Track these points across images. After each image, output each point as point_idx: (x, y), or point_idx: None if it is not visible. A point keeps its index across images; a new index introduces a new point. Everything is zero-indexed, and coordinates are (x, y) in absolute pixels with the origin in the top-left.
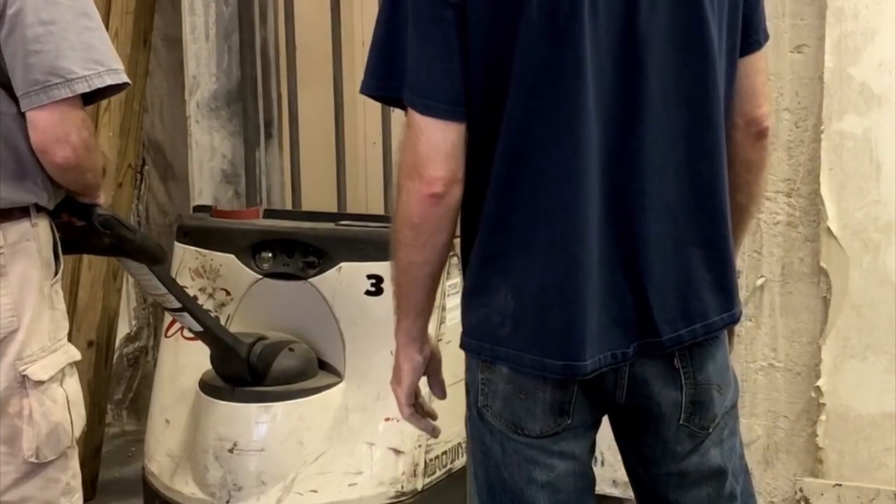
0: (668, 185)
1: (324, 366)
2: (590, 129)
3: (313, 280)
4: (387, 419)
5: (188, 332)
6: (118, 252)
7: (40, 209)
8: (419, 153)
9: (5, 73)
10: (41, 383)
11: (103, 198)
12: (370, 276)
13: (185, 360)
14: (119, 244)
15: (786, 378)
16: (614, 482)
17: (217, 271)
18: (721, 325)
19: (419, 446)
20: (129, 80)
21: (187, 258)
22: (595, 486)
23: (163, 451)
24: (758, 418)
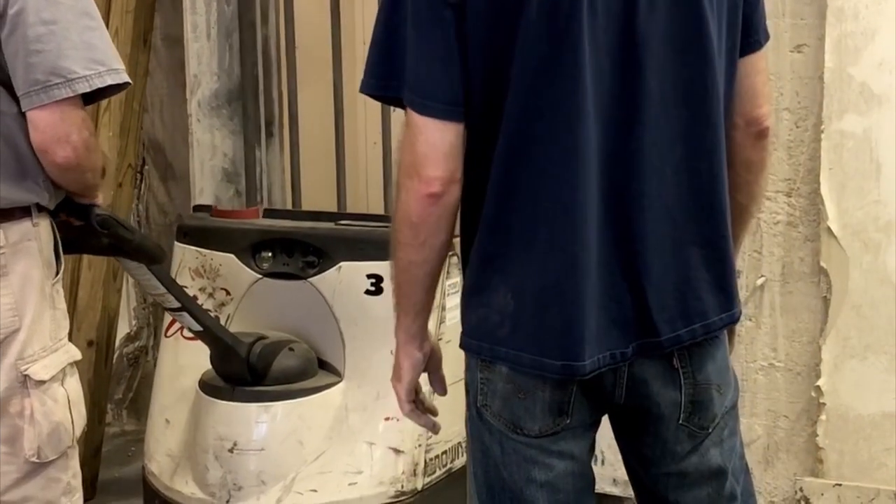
0: (668, 185)
1: (324, 365)
2: (589, 130)
3: (313, 280)
4: (387, 418)
5: (188, 332)
6: (117, 252)
7: (41, 209)
8: (417, 153)
9: (6, 72)
10: (42, 383)
11: (101, 198)
12: (370, 276)
13: (185, 359)
14: (117, 244)
15: (786, 378)
16: (614, 481)
17: (217, 271)
18: (720, 325)
19: (419, 446)
20: (129, 79)
21: (187, 258)
22: (595, 485)
23: (163, 450)
24: (758, 418)
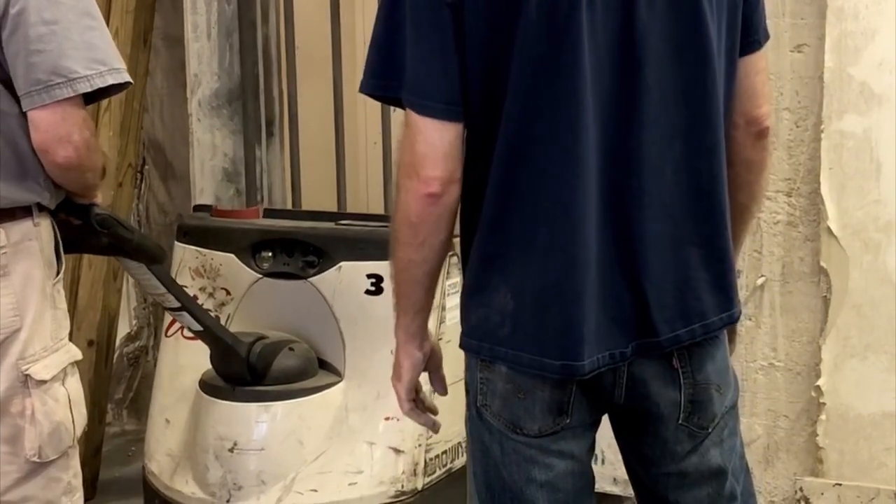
0: (667, 184)
1: (324, 365)
2: (588, 129)
3: (313, 279)
4: (387, 418)
5: (188, 332)
6: (116, 251)
7: (42, 209)
8: (416, 153)
9: (7, 72)
10: (43, 382)
11: (101, 197)
12: (370, 276)
13: (185, 359)
14: (117, 243)
15: (786, 377)
16: (615, 480)
17: (217, 271)
18: (720, 325)
19: (419, 445)
20: (131, 79)
21: (187, 258)
22: (594, 485)
23: (163, 450)
24: (758, 418)
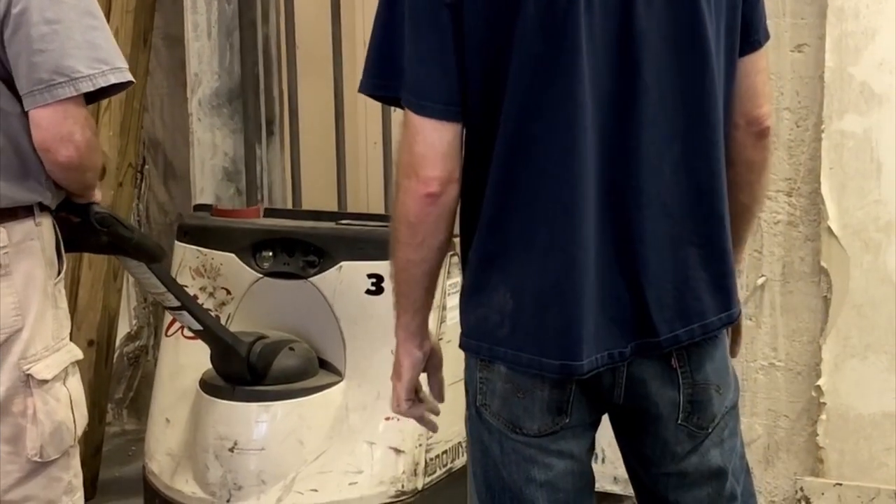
0: (666, 183)
1: (324, 365)
2: (587, 129)
3: (314, 279)
4: (387, 418)
5: (188, 332)
6: (116, 250)
7: (44, 208)
8: (415, 153)
9: (8, 71)
10: (45, 382)
11: (100, 195)
12: (370, 276)
13: (185, 359)
14: (117, 242)
15: (786, 377)
16: (615, 479)
17: (217, 270)
18: (719, 325)
19: (419, 445)
20: (133, 78)
21: (188, 257)
22: (594, 484)
23: (163, 450)
24: (758, 417)
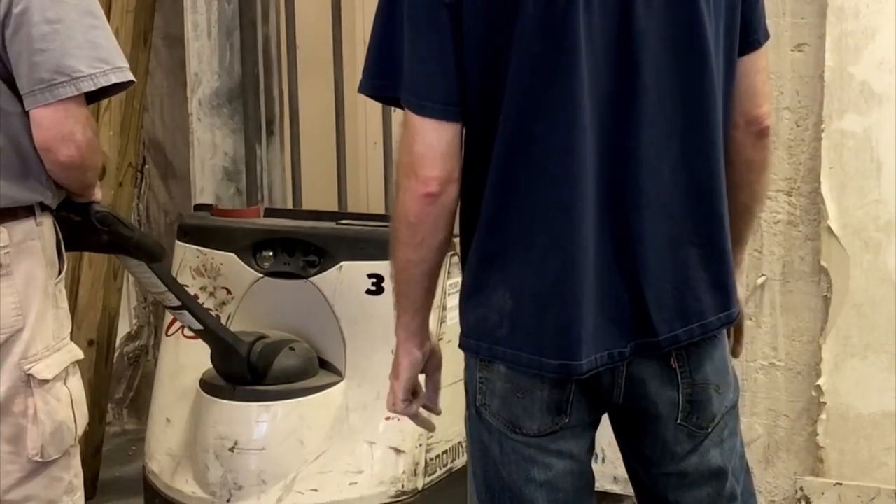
0: (665, 183)
1: (324, 365)
2: (586, 129)
3: (314, 279)
4: (387, 418)
5: (189, 331)
6: (117, 249)
7: (44, 208)
8: (415, 153)
9: (9, 71)
10: (46, 382)
11: (100, 194)
12: (371, 275)
13: (185, 358)
14: (117, 241)
15: (786, 377)
16: (615, 479)
17: (218, 270)
18: (718, 325)
19: (420, 445)
20: (134, 77)
21: (188, 257)
22: (594, 484)
23: (163, 449)
24: (758, 417)
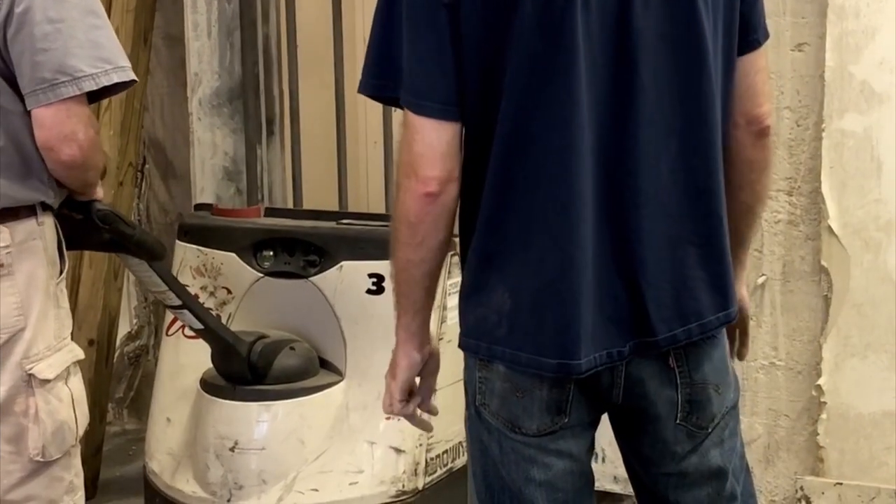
0: (664, 182)
1: (325, 364)
2: (584, 128)
3: (314, 279)
4: (387, 418)
5: (189, 331)
6: (118, 248)
7: (46, 207)
8: (414, 153)
9: (11, 70)
10: (47, 382)
11: (101, 192)
12: (371, 275)
13: (186, 358)
14: (118, 239)
15: (787, 376)
16: (615, 479)
17: (218, 270)
18: (717, 325)
19: (420, 445)
20: (136, 77)
21: (188, 257)
22: (594, 484)
23: (164, 449)
24: (758, 417)
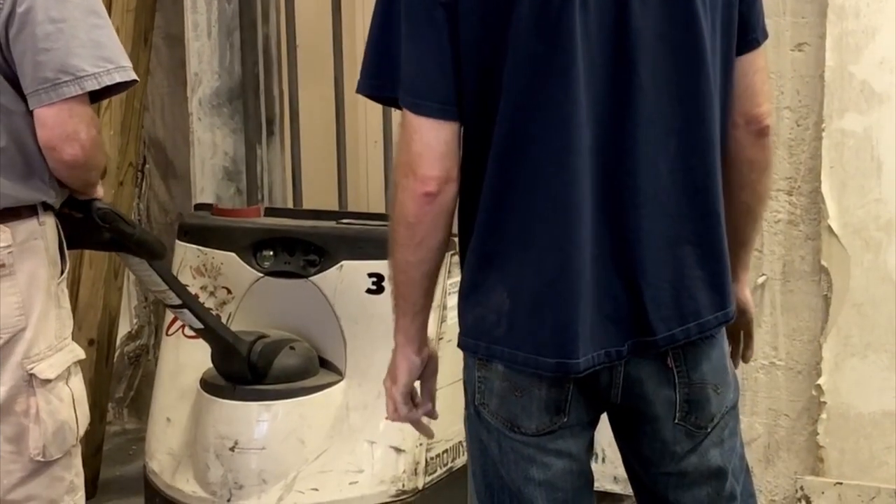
0: (662, 182)
1: (325, 364)
2: (582, 127)
3: (314, 278)
4: (387, 417)
5: (189, 330)
6: (118, 247)
7: (47, 207)
8: (413, 152)
9: (13, 70)
10: (48, 382)
11: (101, 191)
12: (371, 275)
13: (186, 358)
14: (118, 238)
15: (787, 376)
16: (615, 479)
17: (218, 269)
18: (715, 324)
19: (420, 444)
20: (137, 76)
21: (188, 256)
22: (593, 483)
23: (164, 449)
24: (759, 416)
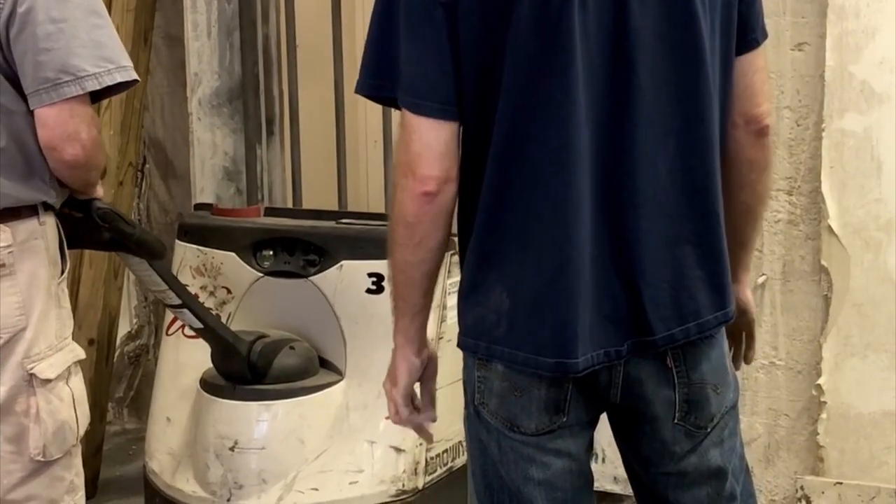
0: (661, 182)
1: (325, 364)
2: (581, 127)
3: (314, 278)
4: (388, 417)
5: (189, 330)
6: (118, 246)
7: (48, 207)
8: (412, 152)
9: (14, 70)
10: (48, 381)
11: (101, 191)
12: (371, 274)
13: (186, 358)
14: (118, 238)
15: (787, 376)
16: (615, 479)
17: (218, 269)
18: (714, 324)
19: (420, 444)
20: (138, 77)
21: (188, 256)
22: (593, 483)
23: (164, 449)
24: (759, 416)
